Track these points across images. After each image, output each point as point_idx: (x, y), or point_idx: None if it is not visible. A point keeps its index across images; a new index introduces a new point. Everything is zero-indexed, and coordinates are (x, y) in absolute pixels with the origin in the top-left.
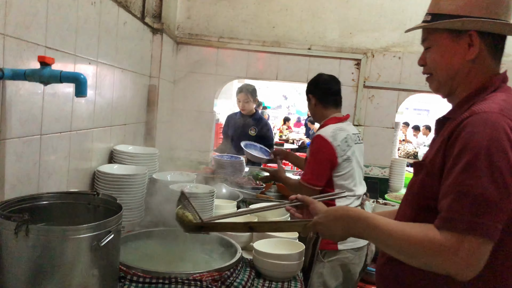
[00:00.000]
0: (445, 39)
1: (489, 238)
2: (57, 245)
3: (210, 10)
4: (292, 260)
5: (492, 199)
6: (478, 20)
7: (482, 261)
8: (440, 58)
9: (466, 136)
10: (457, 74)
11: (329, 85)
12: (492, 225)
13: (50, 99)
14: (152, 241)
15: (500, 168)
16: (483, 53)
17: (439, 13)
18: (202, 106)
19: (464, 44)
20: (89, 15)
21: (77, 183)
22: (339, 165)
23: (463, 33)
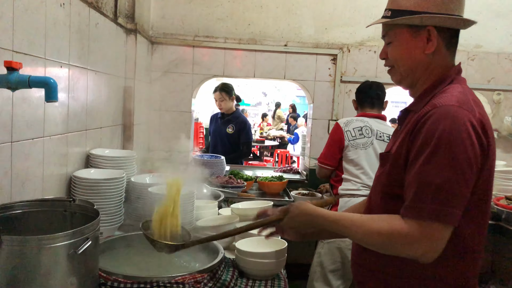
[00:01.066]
0: (404, 35)
1: (450, 223)
2: (32, 255)
3: (185, 8)
4: (274, 258)
5: (452, 187)
6: (435, 16)
7: (443, 245)
8: (401, 53)
9: (428, 129)
10: (418, 67)
11: (366, 90)
12: (453, 212)
13: (20, 105)
14: (132, 245)
15: (459, 159)
16: (440, 47)
17: (398, 9)
18: (179, 106)
19: (423, 39)
20: (58, 17)
21: (53, 190)
22: (346, 148)
23: (421, 28)
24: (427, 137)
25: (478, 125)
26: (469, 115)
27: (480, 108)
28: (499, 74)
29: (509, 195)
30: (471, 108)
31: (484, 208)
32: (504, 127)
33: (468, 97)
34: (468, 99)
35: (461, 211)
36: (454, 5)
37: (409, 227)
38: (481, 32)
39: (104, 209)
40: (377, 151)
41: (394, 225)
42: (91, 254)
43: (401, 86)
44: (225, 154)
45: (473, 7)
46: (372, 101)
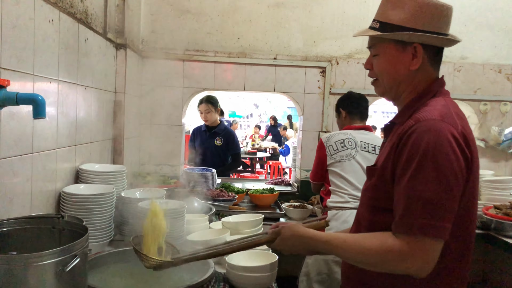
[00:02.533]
0: (391, 49)
1: (441, 237)
2: (19, 274)
3: (175, 23)
4: (265, 271)
5: (440, 201)
6: (422, 35)
7: (435, 259)
8: (386, 66)
9: (412, 144)
10: (402, 82)
11: (358, 102)
12: (442, 226)
13: (8, 121)
14: (122, 261)
15: (445, 172)
16: (425, 63)
17: (387, 22)
18: (170, 119)
19: (408, 55)
20: (47, 33)
21: (41, 207)
22: (330, 164)
23: (408, 44)
24: (412, 152)
25: (461, 138)
26: (451, 129)
27: (463, 121)
28: (484, 85)
29: (497, 204)
30: (453, 121)
31: (468, 220)
32: (491, 137)
33: (451, 110)
34: (451, 112)
35: (450, 224)
36: (441, 23)
37: (400, 243)
38: (466, 43)
39: (94, 224)
40: (361, 162)
41: (385, 242)
42: (80, 271)
43: (384, 97)
44: (214, 166)
45: (459, 19)
46: (362, 112)
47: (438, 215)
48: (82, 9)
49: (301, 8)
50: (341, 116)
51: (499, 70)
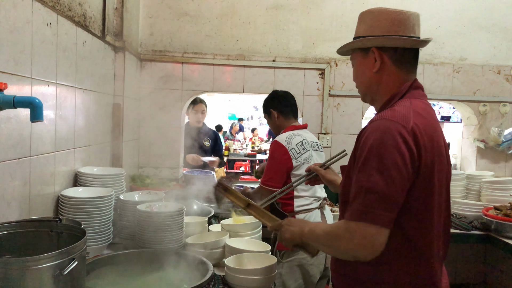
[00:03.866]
0: (358, 57)
1: (380, 224)
2: (17, 277)
3: (173, 26)
4: (264, 274)
5: (381, 191)
6: (374, 38)
7: (376, 244)
8: (356, 73)
9: (363, 142)
10: (371, 86)
11: (287, 98)
12: (381, 213)
13: (6, 124)
14: (121, 264)
15: (387, 165)
16: (387, 65)
17: (356, 36)
18: (169, 122)
19: (371, 60)
20: (45, 37)
21: (40, 210)
22: (295, 167)
23: (368, 50)
24: (362, 149)
25: (409, 136)
26: (399, 127)
27: (423, 119)
28: (484, 86)
29: (497, 205)
30: (404, 120)
31: (429, 215)
32: (490, 138)
33: (409, 110)
34: (406, 112)
35: (391, 213)
36: (397, 27)
37: (344, 227)
38: (465, 45)
39: (92, 228)
40: (317, 162)
41: (337, 227)
42: (78, 274)
43: (366, 103)
44: (203, 167)
45: (458, 21)
46: (294, 110)
47: (378, 203)
48: (80, 12)
49: (299, 10)
50: (273, 117)
51: (498, 71)
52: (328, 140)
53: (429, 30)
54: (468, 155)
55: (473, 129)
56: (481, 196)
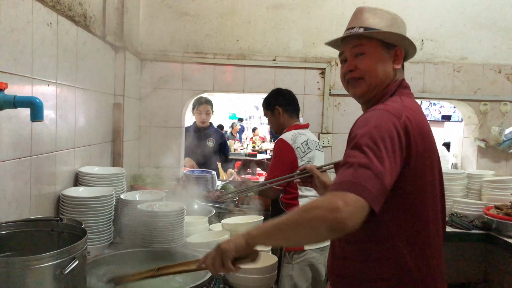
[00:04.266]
0: (379, 48)
1: (364, 198)
2: (18, 276)
3: (173, 25)
4: (265, 273)
5: (372, 168)
6: (406, 38)
7: (356, 216)
8: (374, 64)
9: (357, 124)
10: (385, 80)
11: (292, 96)
12: (369, 189)
13: (7, 124)
14: (121, 263)
15: (381, 148)
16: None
17: (371, 27)
18: (170, 121)
19: (392, 56)
20: (45, 37)
21: (41, 209)
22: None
23: (391, 46)
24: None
25: (401, 127)
26: (392, 117)
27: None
28: (484, 85)
29: (498, 204)
30: (397, 112)
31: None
32: (491, 137)
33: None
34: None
35: (378, 194)
36: (403, 30)
37: (329, 195)
38: (466, 44)
39: (93, 227)
40: (320, 162)
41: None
42: (78, 273)
43: (363, 98)
44: (204, 167)
45: (458, 20)
46: (297, 108)
47: (370, 179)
48: (80, 12)
49: (299, 10)
50: (277, 114)
51: (499, 70)
52: (328, 140)
53: (430, 29)
54: (469, 154)
55: (474, 128)
56: (481, 195)
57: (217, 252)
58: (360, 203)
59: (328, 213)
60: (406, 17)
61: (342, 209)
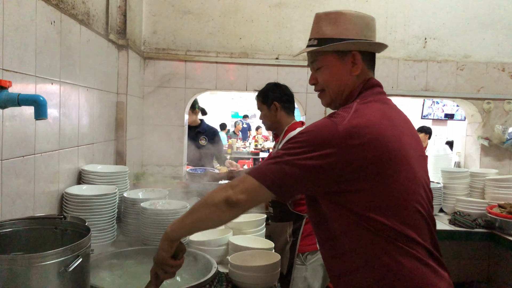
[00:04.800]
0: (332, 60)
1: (260, 181)
2: (22, 274)
3: (176, 24)
4: (268, 271)
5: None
6: (359, 42)
7: (249, 195)
8: (330, 76)
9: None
10: (346, 89)
11: (291, 92)
12: (268, 176)
13: (10, 123)
14: (125, 261)
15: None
16: (364, 68)
17: (323, 37)
18: (172, 120)
19: (349, 62)
20: (49, 35)
21: (44, 207)
22: None
23: (347, 53)
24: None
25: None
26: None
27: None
28: (488, 83)
29: (502, 203)
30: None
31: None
32: (494, 136)
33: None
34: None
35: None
36: (370, 33)
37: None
38: (469, 42)
39: (96, 225)
40: None
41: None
42: (82, 271)
43: (331, 107)
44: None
45: (461, 18)
46: (294, 108)
47: (275, 172)
48: (83, 10)
49: (302, 8)
50: (273, 110)
51: (503, 68)
52: None
53: (433, 27)
54: (472, 153)
55: (477, 126)
56: (485, 194)
57: (156, 265)
58: (255, 186)
59: (227, 189)
60: (409, 16)
61: (237, 185)
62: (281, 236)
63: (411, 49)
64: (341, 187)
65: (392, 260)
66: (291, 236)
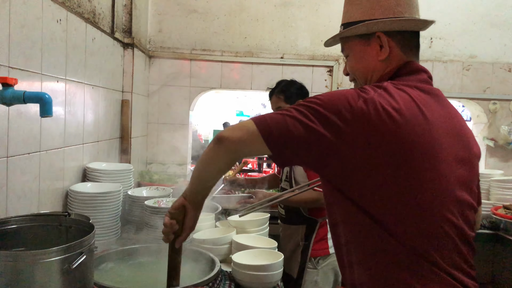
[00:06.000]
0: (357, 45)
1: (259, 129)
2: (26, 270)
3: (182, 22)
4: (271, 270)
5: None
6: (380, 21)
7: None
8: (356, 64)
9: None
10: (374, 75)
11: (307, 90)
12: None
13: (16, 120)
14: (129, 259)
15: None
16: (395, 51)
17: (349, 21)
18: (177, 118)
19: (375, 46)
20: (55, 33)
21: (49, 204)
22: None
23: (371, 36)
24: None
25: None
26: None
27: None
28: (494, 84)
29: (507, 204)
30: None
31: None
32: (500, 136)
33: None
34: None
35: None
36: (402, 8)
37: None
38: (475, 42)
39: (100, 222)
40: None
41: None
42: (86, 268)
43: None
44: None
45: (468, 18)
46: None
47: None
48: (89, 8)
49: (308, 7)
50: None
51: (509, 68)
52: None
53: (439, 27)
54: None
55: (483, 127)
56: (490, 195)
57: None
58: (253, 130)
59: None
60: None
61: (234, 125)
62: (292, 239)
63: None
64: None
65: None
66: (303, 240)
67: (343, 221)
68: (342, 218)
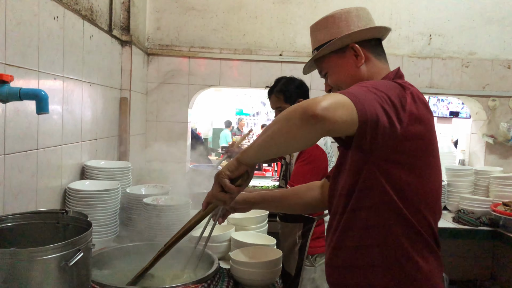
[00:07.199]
0: (333, 60)
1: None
2: (23, 267)
3: (180, 20)
4: (270, 267)
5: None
6: (351, 33)
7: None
8: (339, 76)
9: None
10: (358, 80)
11: (307, 87)
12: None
13: (13, 117)
14: (127, 257)
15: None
16: (369, 57)
17: (320, 44)
18: (176, 116)
19: (351, 56)
20: (52, 30)
21: (47, 202)
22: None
23: (345, 48)
24: None
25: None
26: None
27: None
28: (493, 81)
29: (506, 201)
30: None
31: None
32: (499, 133)
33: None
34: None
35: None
36: (364, 21)
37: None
38: (474, 39)
39: (99, 220)
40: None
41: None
42: (83, 265)
43: None
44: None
45: (467, 15)
46: None
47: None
48: (87, 6)
49: (306, 4)
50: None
51: (508, 65)
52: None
53: (438, 24)
54: (477, 151)
55: (482, 124)
56: (489, 192)
57: (215, 180)
58: (344, 100)
59: (310, 103)
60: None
61: (323, 100)
62: (289, 237)
63: (416, 46)
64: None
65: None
66: (300, 238)
67: (373, 206)
68: (374, 202)
